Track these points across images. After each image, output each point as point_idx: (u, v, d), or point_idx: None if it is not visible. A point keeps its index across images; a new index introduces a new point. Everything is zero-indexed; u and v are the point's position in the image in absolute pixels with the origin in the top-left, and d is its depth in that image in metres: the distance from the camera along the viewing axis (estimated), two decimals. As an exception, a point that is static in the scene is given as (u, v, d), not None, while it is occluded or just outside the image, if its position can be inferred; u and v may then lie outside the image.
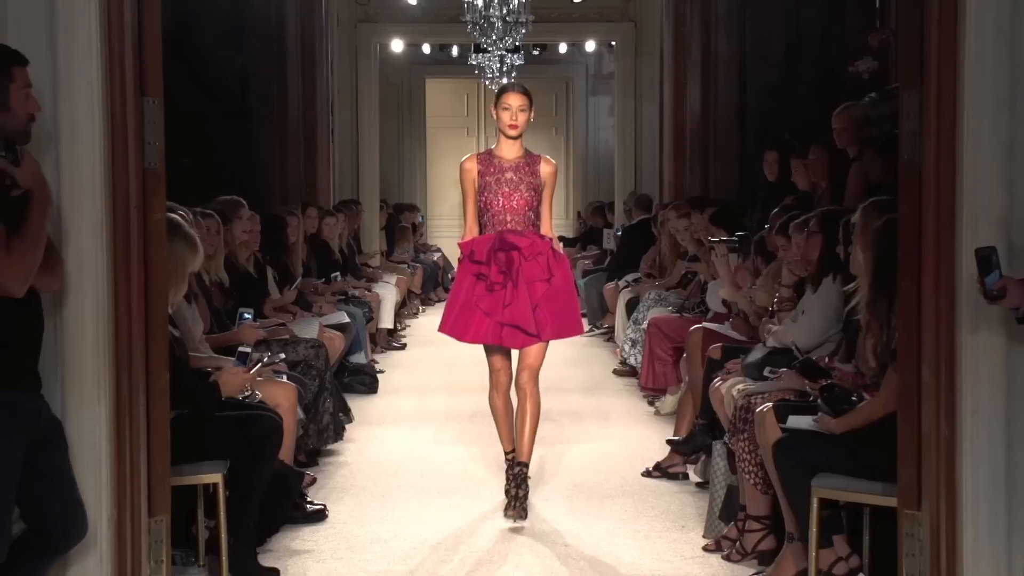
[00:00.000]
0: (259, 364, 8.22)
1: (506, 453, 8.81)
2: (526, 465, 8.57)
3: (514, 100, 8.59)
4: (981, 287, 5.45)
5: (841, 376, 7.53)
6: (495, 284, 8.48)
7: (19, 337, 5.44)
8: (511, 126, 8.59)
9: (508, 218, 8.63)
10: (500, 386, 8.82)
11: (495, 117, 8.74)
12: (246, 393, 8.07)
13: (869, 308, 6.93)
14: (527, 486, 8.50)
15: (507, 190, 8.63)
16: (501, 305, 8.46)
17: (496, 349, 8.70)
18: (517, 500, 8.41)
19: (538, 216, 8.75)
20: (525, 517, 8.31)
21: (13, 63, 5.35)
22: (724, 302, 10.74)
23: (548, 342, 8.68)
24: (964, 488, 5.91)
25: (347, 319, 12.75)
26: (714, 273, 11.86)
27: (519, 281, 8.46)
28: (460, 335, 8.69)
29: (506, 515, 8.37)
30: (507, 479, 8.61)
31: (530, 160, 8.76)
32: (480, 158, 8.83)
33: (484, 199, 8.69)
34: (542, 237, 8.69)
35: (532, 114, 8.74)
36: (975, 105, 5.80)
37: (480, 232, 8.75)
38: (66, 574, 5.92)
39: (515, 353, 8.67)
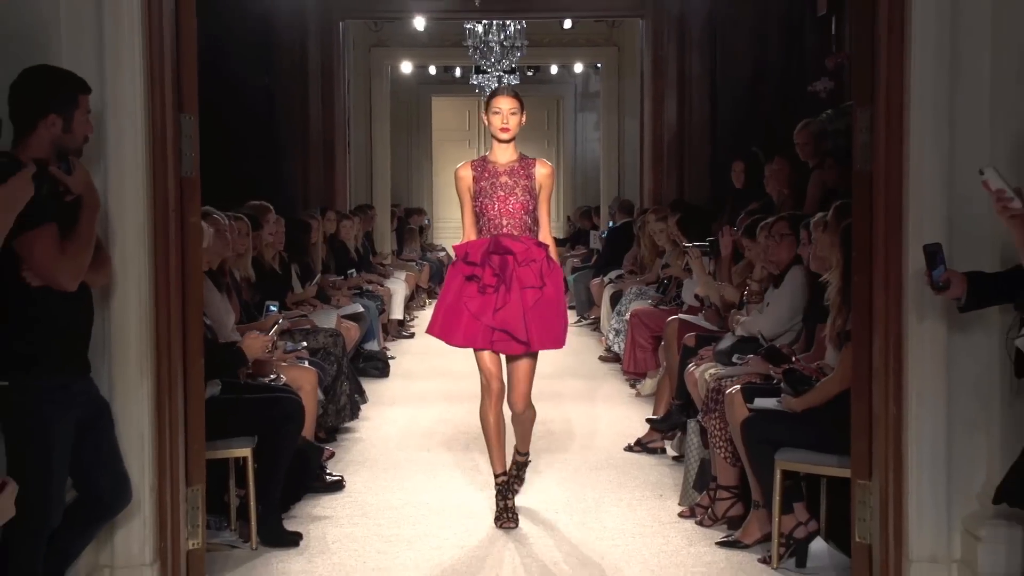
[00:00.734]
0: (276, 325, 8.32)
1: (496, 475, 7.86)
2: (525, 454, 8.15)
3: (504, 104, 7.81)
4: (929, 279, 5.46)
5: (804, 363, 7.58)
6: (488, 287, 7.63)
7: (71, 327, 5.46)
8: (502, 130, 7.81)
9: (504, 222, 7.75)
10: (492, 394, 7.86)
11: (487, 123, 7.95)
12: (272, 377, 8.11)
13: (841, 294, 6.96)
14: (522, 479, 8.17)
15: (502, 194, 7.78)
16: (492, 309, 7.61)
17: (487, 354, 7.79)
18: (517, 479, 8.07)
19: (535, 221, 7.87)
20: (517, 524, 7.66)
21: (80, 91, 5.38)
22: (696, 296, 10.77)
23: (536, 359, 7.88)
24: (910, 460, 5.98)
25: (361, 310, 12.78)
26: (684, 272, 11.96)
27: (512, 286, 7.60)
28: (449, 338, 7.81)
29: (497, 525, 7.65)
30: (500, 497, 7.80)
31: (525, 164, 7.91)
32: (474, 164, 7.97)
33: (480, 204, 7.82)
34: (538, 244, 7.81)
35: (523, 117, 7.92)
36: (919, 121, 5.85)
37: (478, 236, 7.88)
38: (113, 537, 5.97)
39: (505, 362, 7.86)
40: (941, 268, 5.43)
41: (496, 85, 19.72)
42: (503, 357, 7.87)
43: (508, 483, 7.85)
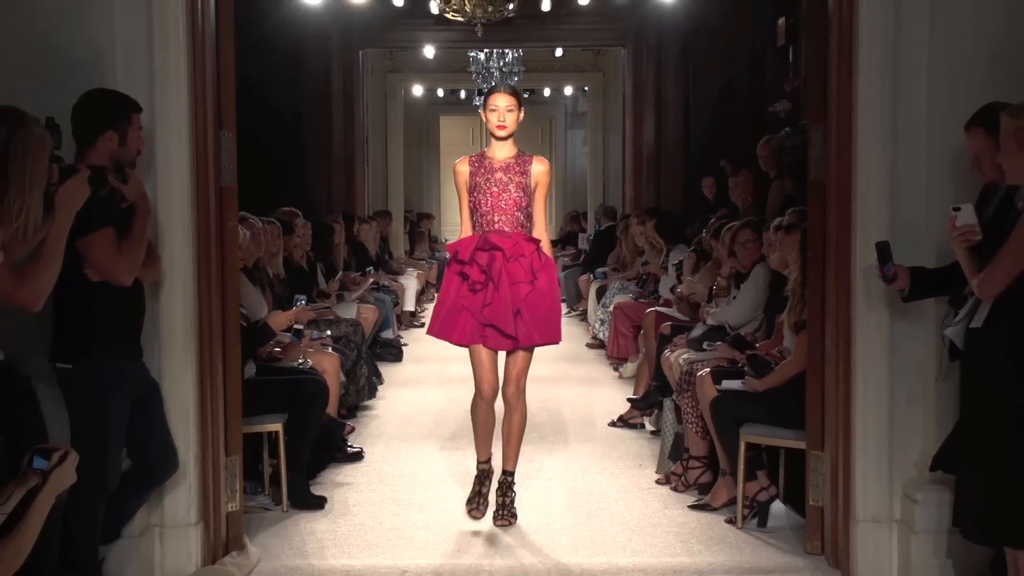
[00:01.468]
0: (298, 305, 8.51)
1: (479, 463, 7.22)
2: (512, 473, 7.13)
3: (501, 101, 7.03)
4: (880, 272, 5.51)
5: (765, 349, 7.61)
6: (476, 284, 6.89)
7: (126, 316, 5.51)
8: (499, 127, 7.01)
9: (496, 218, 6.96)
10: (484, 394, 7.06)
11: (484, 120, 7.13)
12: (300, 361, 8.13)
13: (798, 288, 7.01)
14: (514, 492, 7.10)
15: (496, 190, 6.97)
16: (481, 305, 6.88)
17: (480, 352, 6.98)
18: (505, 508, 7.01)
19: (528, 218, 7.04)
20: (515, 520, 6.96)
21: (133, 110, 5.42)
22: (671, 290, 10.78)
23: (532, 351, 7.04)
24: (856, 434, 6.01)
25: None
26: (660, 270, 11.98)
27: (501, 282, 6.83)
28: (447, 336, 7.05)
29: (496, 523, 6.93)
30: (476, 482, 7.20)
31: (521, 161, 7.09)
32: (472, 159, 7.16)
33: (474, 199, 7.04)
34: (528, 238, 6.99)
35: (521, 114, 7.12)
36: (865, 138, 5.88)
37: (472, 233, 7.10)
38: (163, 500, 5.98)
39: (501, 360, 7.07)
40: (890, 263, 5.48)
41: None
42: (501, 357, 7.06)
43: (488, 472, 7.18)
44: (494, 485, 7.17)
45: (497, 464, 7.18)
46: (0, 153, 4.62)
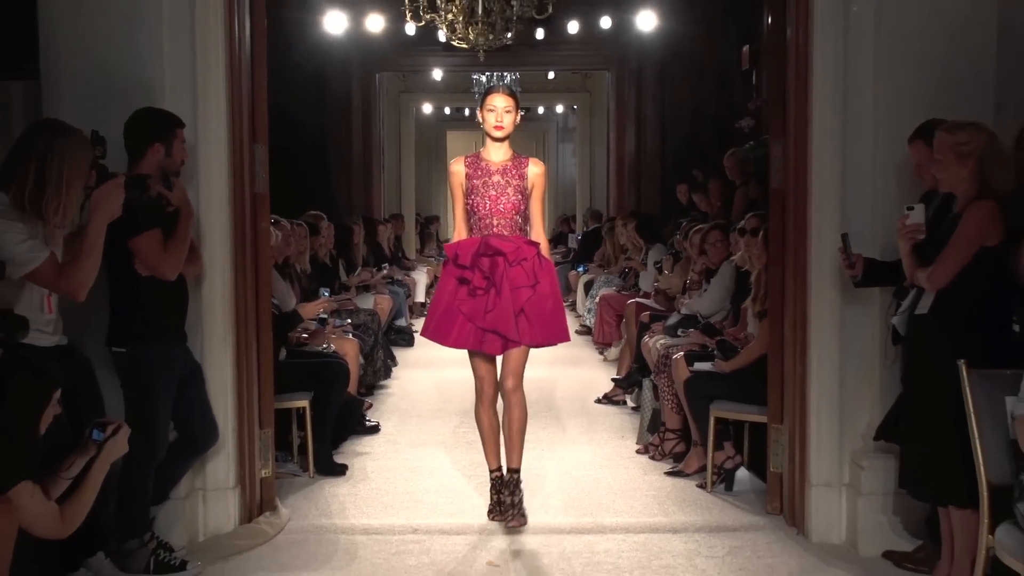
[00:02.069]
0: (322, 297, 8.51)
1: (491, 471, 6.41)
2: (517, 471, 6.32)
3: (499, 101, 6.22)
4: (843, 257, 5.55)
5: (732, 335, 7.63)
6: (478, 289, 6.09)
7: (171, 306, 5.53)
8: (496, 128, 6.20)
9: (495, 221, 6.18)
10: (485, 397, 6.34)
11: (481, 120, 6.31)
12: (324, 346, 8.14)
13: (760, 281, 7.02)
14: (521, 491, 6.29)
15: (494, 193, 6.18)
16: (483, 310, 6.09)
17: (480, 356, 6.26)
18: (514, 507, 6.23)
19: (526, 220, 6.28)
20: (526, 521, 6.21)
21: (177, 125, 5.44)
22: (654, 282, 10.79)
23: (529, 348, 6.23)
24: (811, 409, 6.03)
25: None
26: (641, 266, 11.99)
27: (503, 287, 6.05)
28: (443, 339, 6.26)
29: (508, 524, 6.19)
30: (493, 491, 6.38)
31: (518, 163, 6.28)
32: (468, 160, 6.33)
33: (471, 202, 6.23)
34: (528, 242, 6.22)
35: (518, 115, 6.31)
36: (819, 150, 5.88)
37: (468, 235, 6.32)
38: (205, 467, 6.01)
39: (499, 359, 6.36)
40: (851, 251, 5.52)
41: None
42: (498, 360, 6.32)
43: (501, 478, 6.34)
44: None
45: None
46: (41, 158, 4.69)
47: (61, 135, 4.78)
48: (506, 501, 6.27)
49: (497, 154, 6.29)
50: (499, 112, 6.21)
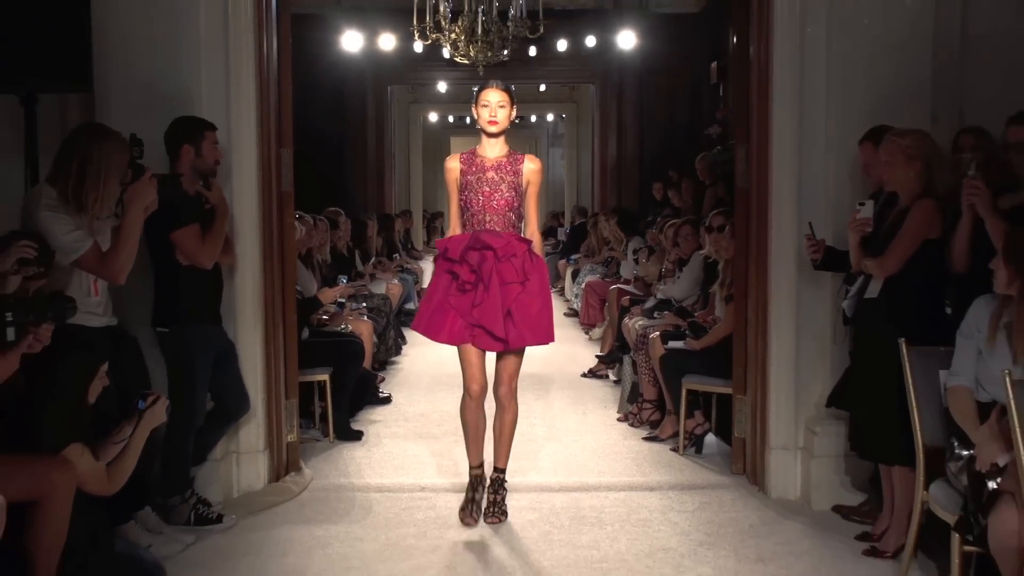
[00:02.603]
0: (340, 283, 8.47)
1: (471, 467, 5.72)
2: (503, 471, 5.72)
3: (493, 96, 5.53)
4: (810, 241, 5.55)
5: (702, 317, 7.65)
6: (466, 284, 5.42)
7: (208, 292, 5.54)
8: (490, 123, 5.50)
9: (488, 218, 5.45)
10: (473, 394, 5.60)
11: (476, 116, 5.61)
12: (342, 327, 8.16)
13: (727, 269, 7.02)
14: (505, 490, 5.70)
15: (487, 189, 5.46)
16: (471, 305, 5.42)
17: (469, 351, 5.54)
18: (495, 505, 5.62)
19: (520, 217, 5.55)
20: (506, 519, 5.59)
21: (206, 128, 5.43)
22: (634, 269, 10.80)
23: (523, 352, 5.58)
24: (771, 382, 6.05)
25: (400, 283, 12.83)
26: (621, 255, 11.99)
27: (491, 282, 5.36)
28: (434, 335, 5.59)
29: (486, 520, 5.56)
30: (469, 488, 5.69)
31: (513, 160, 5.56)
32: (463, 157, 5.62)
33: (465, 198, 5.50)
34: (520, 238, 5.50)
35: (514, 111, 5.58)
36: (778, 155, 5.88)
37: (462, 232, 5.56)
38: (238, 433, 6.03)
39: (490, 357, 5.64)
40: (816, 238, 5.55)
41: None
42: (492, 357, 5.64)
43: (481, 476, 5.70)
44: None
45: (488, 463, 5.84)
46: (83, 156, 4.72)
47: (101, 136, 4.82)
48: (488, 499, 5.66)
49: (492, 150, 5.58)
50: (493, 107, 5.53)
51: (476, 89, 5.60)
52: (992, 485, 4.03)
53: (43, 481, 4.02)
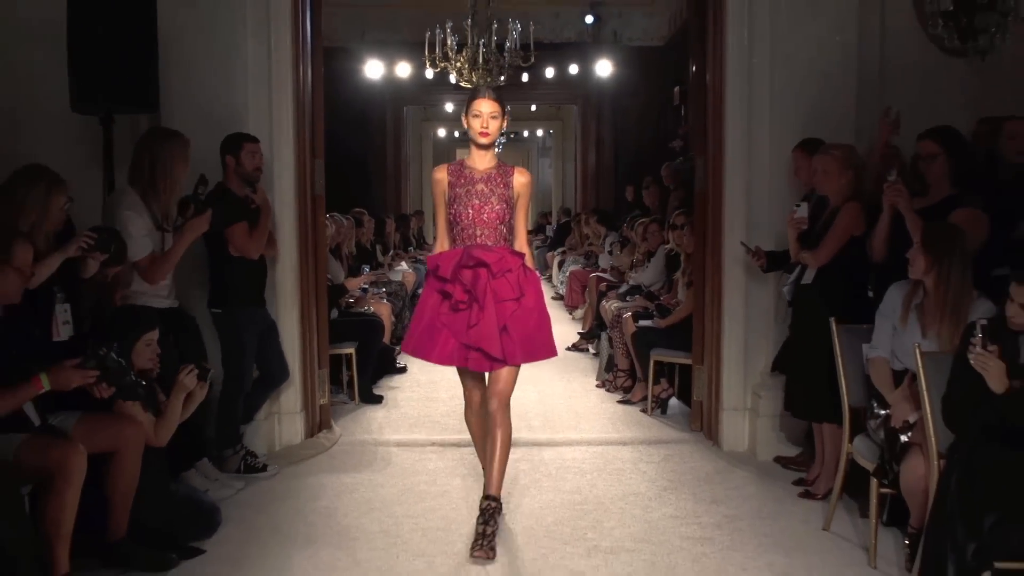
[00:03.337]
0: (364, 272, 8.51)
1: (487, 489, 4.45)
2: (496, 499, 4.41)
3: (485, 107, 4.45)
4: (752, 257, 5.58)
5: (667, 300, 7.67)
6: (460, 303, 4.36)
7: (254, 278, 5.54)
8: (481, 134, 4.46)
9: (478, 232, 4.44)
10: (474, 404, 4.65)
11: (466, 126, 4.55)
12: (366, 308, 8.17)
13: (688, 260, 7.03)
14: (495, 522, 4.37)
15: (477, 202, 4.44)
16: (466, 325, 4.36)
17: (466, 370, 4.53)
18: (485, 537, 4.29)
19: (511, 231, 4.52)
20: (494, 556, 4.25)
21: (243, 140, 5.41)
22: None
23: (518, 367, 4.46)
24: (724, 354, 6.05)
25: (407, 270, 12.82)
26: (599, 249, 11.99)
27: (486, 301, 4.33)
28: (426, 355, 4.45)
29: (473, 555, 4.25)
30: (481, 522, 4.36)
31: (503, 171, 4.53)
32: (451, 168, 4.56)
33: (454, 211, 4.48)
34: (513, 252, 4.48)
35: (504, 122, 4.53)
36: (730, 164, 5.88)
37: (451, 246, 4.57)
38: (279, 397, 6.02)
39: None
40: (756, 249, 5.57)
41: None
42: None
43: (490, 506, 4.38)
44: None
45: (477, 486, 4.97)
46: (152, 155, 4.86)
47: (163, 137, 4.94)
48: (477, 530, 4.36)
49: (482, 162, 4.55)
50: (484, 118, 4.48)
51: (468, 97, 4.58)
52: (904, 438, 4.08)
53: (118, 436, 4.07)
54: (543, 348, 4.47)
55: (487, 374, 4.52)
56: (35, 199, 4.17)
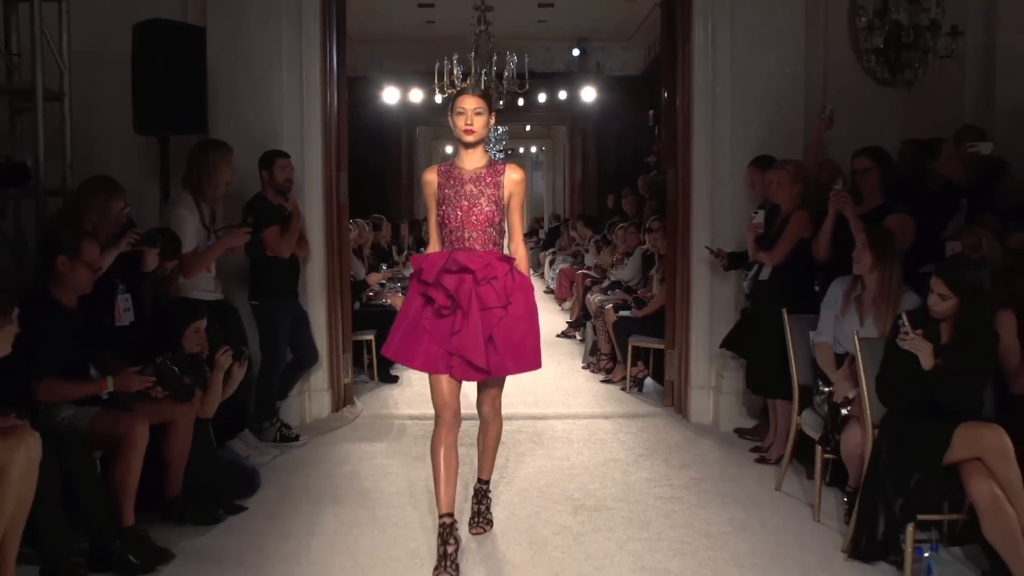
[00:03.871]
0: (383, 271, 8.49)
1: (440, 516, 3.63)
2: (487, 482, 4.14)
3: (469, 103, 3.65)
4: (716, 258, 5.59)
5: (643, 294, 7.71)
6: (443, 309, 3.61)
7: (288, 274, 5.54)
8: (466, 131, 3.66)
9: (467, 234, 3.68)
10: (445, 424, 3.66)
11: (452, 125, 3.72)
12: (383, 301, 8.16)
13: (662, 258, 7.00)
14: (488, 499, 4.16)
15: (466, 204, 3.68)
16: (449, 332, 3.61)
17: (444, 380, 3.66)
18: (479, 515, 4.11)
19: (502, 233, 3.76)
20: (491, 528, 4.10)
21: (275, 156, 5.40)
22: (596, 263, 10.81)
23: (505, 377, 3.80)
24: (692, 340, 6.02)
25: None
26: (585, 250, 12.00)
27: (471, 308, 3.57)
28: (408, 360, 3.68)
29: (471, 532, 4.04)
30: (440, 541, 3.61)
31: (493, 171, 3.74)
32: (441, 169, 3.80)
33: (442, 213, 3.73)
34: (501, 257, 3.68)
35: (491, 119, 3.71)
36: (697, 176, 5.88)
37: (441, 248, 3.77)
38: (309, 377, 6.00)
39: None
40: (720, 251, 5.58)
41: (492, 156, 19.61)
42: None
43: (453, 526, 3.64)
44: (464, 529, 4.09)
45: (472, 472, 4.35)
46: (199, 161, 4.95)
47: (209, 147, 5.03)
48: (472, 509, 4.14)
49: (470, 161, 3.77)
50: (469, 114, 3.67)
51: (453, 95, 3.79)
52: (844, 412, 4.13)
53: (174, 409, 4.13)
54: (526, 360, 3.71)
55: (468, 383, 3.77)
56: (97, 203, 4.26)
